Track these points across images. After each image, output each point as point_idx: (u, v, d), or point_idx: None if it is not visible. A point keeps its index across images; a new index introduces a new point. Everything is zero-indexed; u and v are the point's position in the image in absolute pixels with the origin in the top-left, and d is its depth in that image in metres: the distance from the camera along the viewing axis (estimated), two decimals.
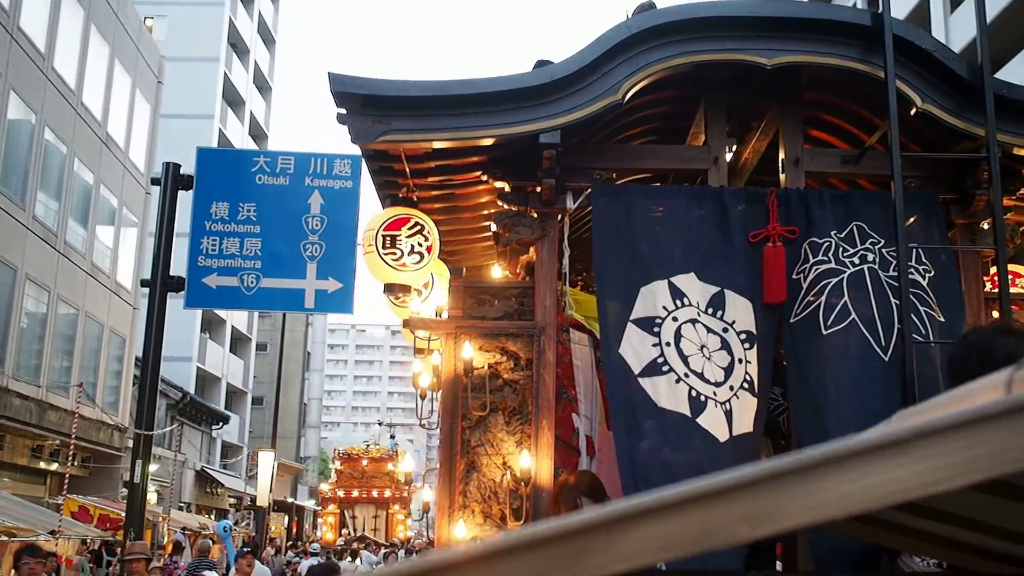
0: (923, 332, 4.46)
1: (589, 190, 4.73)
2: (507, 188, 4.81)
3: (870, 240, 4.60)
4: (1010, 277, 5.20)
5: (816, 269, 4.56)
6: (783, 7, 4.66)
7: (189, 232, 8.90)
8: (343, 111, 4.46)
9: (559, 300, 4.91)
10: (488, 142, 4.54)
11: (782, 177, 4.90)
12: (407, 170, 4.84)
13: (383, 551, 21.09)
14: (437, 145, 4.56)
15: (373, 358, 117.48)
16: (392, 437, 30.58)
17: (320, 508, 30.62)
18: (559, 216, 4.82)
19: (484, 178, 4.87)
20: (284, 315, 27.59)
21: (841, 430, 4.10)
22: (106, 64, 21.40)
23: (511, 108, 4.46)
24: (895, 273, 4.52)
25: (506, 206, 4.84)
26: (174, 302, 9.14)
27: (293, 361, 38.63)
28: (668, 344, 4.25)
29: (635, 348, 4.24)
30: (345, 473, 28.16)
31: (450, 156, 4.82)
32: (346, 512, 27.78)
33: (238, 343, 37.63)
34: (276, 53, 43.75)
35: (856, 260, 4.55)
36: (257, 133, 40.50)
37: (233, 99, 37.12)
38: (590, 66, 4.48)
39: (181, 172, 9.23)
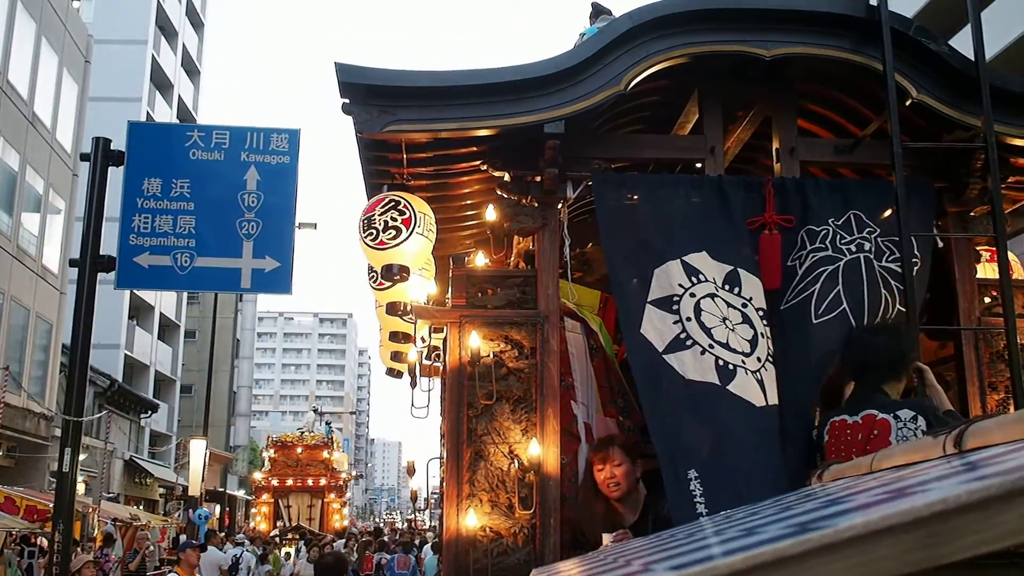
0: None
1: (589, 179, 4.76)
2: (507, 177, 4.80)
3: (867, 229, 4.71)
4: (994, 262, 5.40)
5: (813, 256, 4.65)
6: None
7: (120, 210, 8.53)
8: (347, 101, 4.40)
9: None
10: (493, 132, 4.52)
11: (776, 166, 4.99)
12: (404, 159, 4.80)
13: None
14: (442, 135, 4.53)
15: (301, 346, 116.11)
16: (327, 424, 30.24)
17: (253, 498, 30.08)
18: (559, 205, 4.83)
19: (483, 167, 4.85)
20: (216, 301, 27.08)
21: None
22: (32, 42, 20.65)
23: (516, 98, 4.46)
24: (888, 264, 4.65)
25: (506, 195, 4.83)
26: (102, 288, 8.75)
27: (222, 348, 37.94)
28: (689, 319, 4.30)
29: (656, 327, 4.28)
30: (279, 461, 27.60)
31: (450, 145, 4.79)
32: (280, 501, 27.27)
33: (166, 330, 36.82)
34: (205, 36, 42.76)
35: (853, 248, 4.65)
36: (185, 117, 39.59)
37: (161, 82, 36.25)
38: (594, 56, 4.50)
39: (111, 148, 8.69)
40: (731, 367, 4.20)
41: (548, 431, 4.50)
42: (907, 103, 4.66)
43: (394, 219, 4.82)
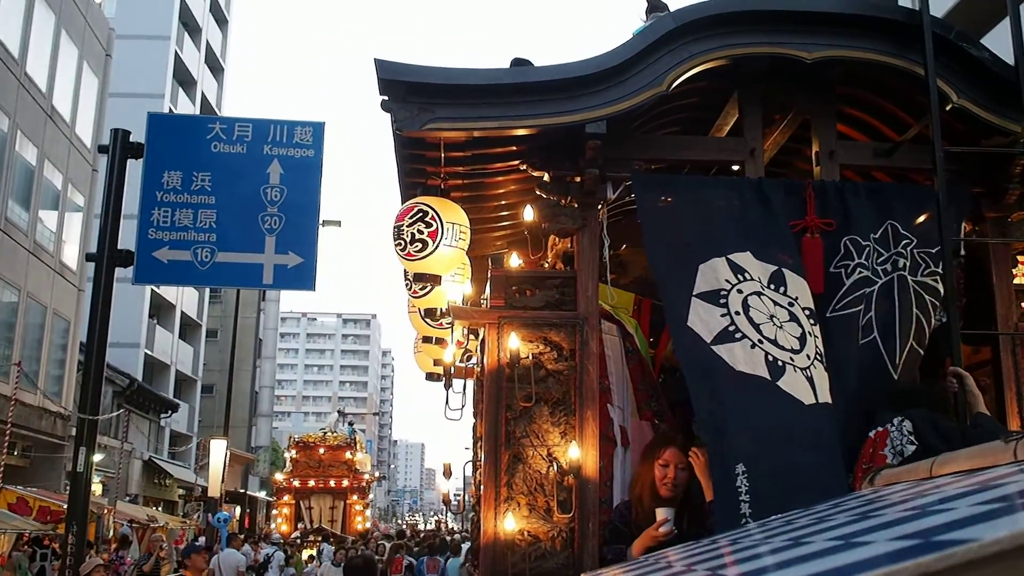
0: (923, 344, 4.55)
1: (629, 180, 4.74)
2: (546, 178, 4.79)
3: (903, 241, 4.67)
4: None
5: (860, 272, 4.62)
6: (822, 2, 4.71)
7: (139, 204, 8.32)
8: (387, 98, 4.40)
9: None
10: (533, 131, 4.51)
11: (816, 169, 4.96)
12: (442, 158, 4.80)
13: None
14: (480, 134, 4.52)
15: (324, 347, 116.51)
16: (350, 424, 30.27)
17: (274, 499, 30.04)
18: (599, 206, 4.82)
19: (522, 167, 4.84)
20: (237, 299, 27.10)
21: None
22: (52, 34, 20.46)
23: (557, 98, 4.45)
24: (923, 278, 4.62)
25: (544, 196, 4.81)
26: (121, 285, 8.59)
27: (244, 348, 38.06)
28: (738, 313, 4.27)
29: (703, 319, 4.25)
30: (301, 462, 27.37)
31: (489, 145, 4.78)
32: (302, 503, 27.10)
33: (187, 329, 36.92)
34: (229, 33, 42.90)
35: (888, 268, 4.62)
36: (208, 114, 39.73)
37: (184, 78, 36.34)
38: (636, 57, 4.49)
39: (131, 140, 8.48)
40: (780, 363, 4.16)
41: (587, 434, 4.48)
42: (947, 108, 4.62)
43: (420, 232, 4.85)
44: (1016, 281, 4.99)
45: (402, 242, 4.90)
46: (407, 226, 4.92)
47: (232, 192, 8.42)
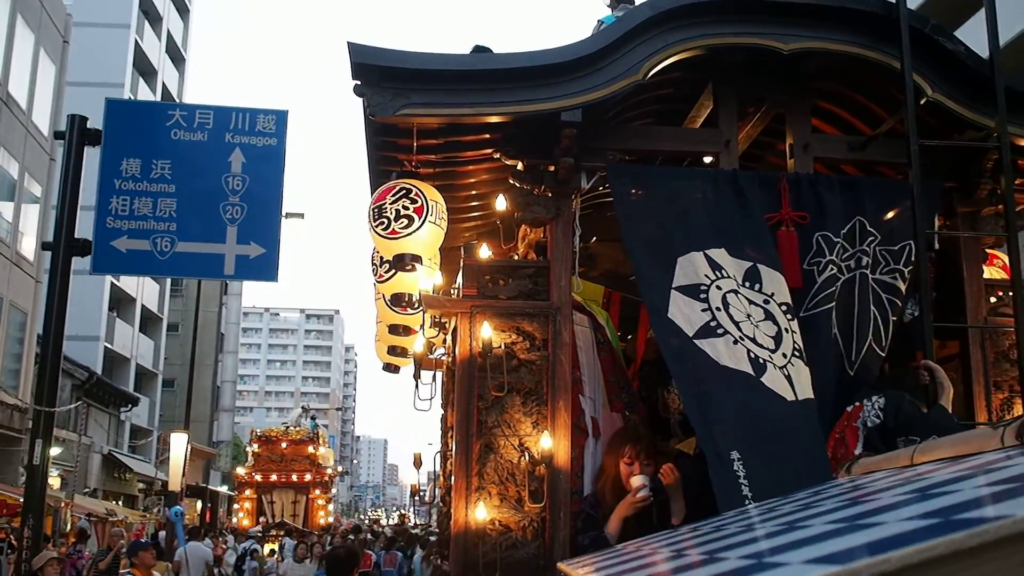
0: (882, 343, 4.58)
1: (604, 170, 4.71)
2: (520, 166, 4.74)
3: (868, 239, 4.69)
4: (997, 261, 5.40)
5: (831, 269, 4.63)
6: None
7: (96, 192, 8.15)
8: (360, 83, 4.32)
9: None
10: (508, 119, 4.46)
11: (790, 162, 4.96)
12: (414, 145, 4.73)
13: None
14: (455, 120, 4.47)
15: (287, 342, 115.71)
16: (313, 419, 30.02)
17: (236, 493, 29.74)
18: (573, 195, 4.78)
19: (496, 156, 4.79)
20: (198, 292, 26.81)
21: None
22: (6, 18, 19.95)
23: (533, 85, 4.40)
24: (881, 276, 4.65)
25: (518, 184, 4.77)
26: (80, 278, 8.38)
27: (206, 342, 37.64)
28: (719, 309, 4.26)
29: (684, 313, 4.23)
30: (262, 456, 27.07)
31: (462, 132, 4.73)
32: (264, 497, 26.83)
33: (148, 322, 36.43)
34: (191, 22, 42.31)
35: (852, 264, 4.65)
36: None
37: (144, 68, 35.76)
38: (613, 45, 4.46)
39: (88, 127, 8.25)
40: (762, 361, 4.17)
41: (559, 424, 4.45)
42: (922, 101, 4.64)
43: (406, 207, 4.74)
44: (986, 276, 5.03)
45: (385, 220, 4.76)
46: (390, 204, 4.78)
47: (192, 181, 8.25)
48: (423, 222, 4.71)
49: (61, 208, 8.09)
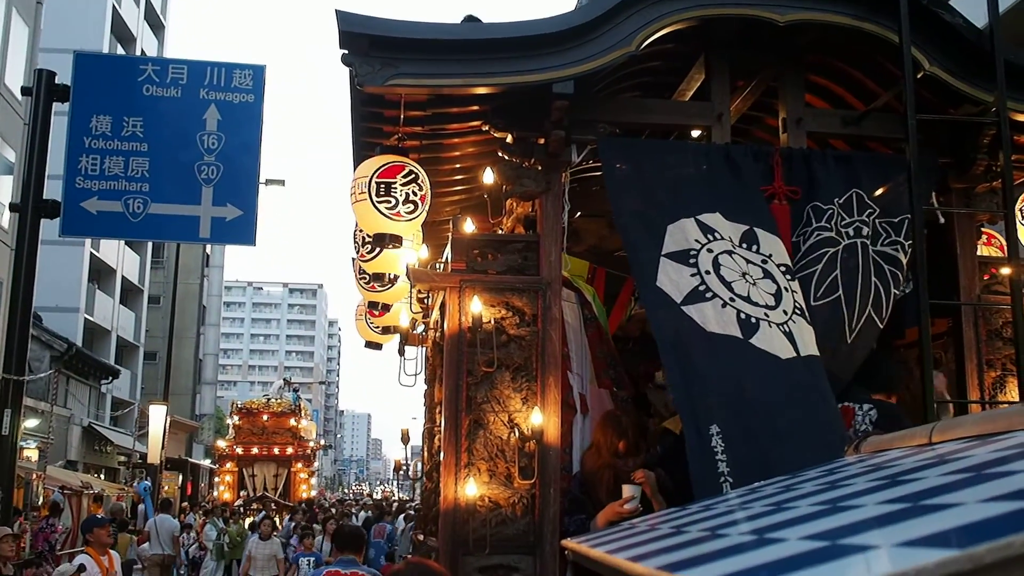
0: (882, 314, 4.55)
1: (594, 143, 4.64)
2: (510, 139, 4.66)
3: (867, 210, 4.65)
4: (988, 239, 5.38)
5: (817, 235, 4.60)
6: None
7: (65, 150, 7.81)
8: (348, 52, 4.22)
9: None
10: (498, 90, 4.37)
11: (783, 136, 4.90)
12: (401, 117, 4.64)
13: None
14: (445, 91, 4.37)
15: (270, 316, 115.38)
16: (295, 391, 29.92)
17: (217, 466, 29.63)
18: (563, 169, 4.70)
19: (485, 128, 4.70)
20: (176, 261, 26.43)
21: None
22: None
23: (524, 55, 4.31)
24: (883, 248, 4.60)
25: (507, 158, 4.69)
26: (59, 248, 8.11)
27: (187, 315, 37.36)
28: (708, 272, 4.20)
29: (673, 279, 4.17)
30: (244, 428, 26.85)
31: (451, 103, 4.64)
32: (245, 471, 26.68)
33: (129, 294, 36.08)
34: None
35: (851, 231, 4.60)
36: None
37: (122, 35, 35.09)
38: (605, 15, 4.37)
39: (57, 82, 7.92)
40: (754, 320, 4.11)
41: (549, 400, 4.40)
42: (919, 75, 4.57)
43: (415, 193, 4.67)
44: (979, 253, 5.01)
45: (392, 200, 4.64)
46: (401, 185, 4.69)
47: (166, 139, 7.94)
48: (423, 211, 4.65)
49: (29, 168, 7.77)
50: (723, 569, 0.98)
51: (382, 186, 4.67)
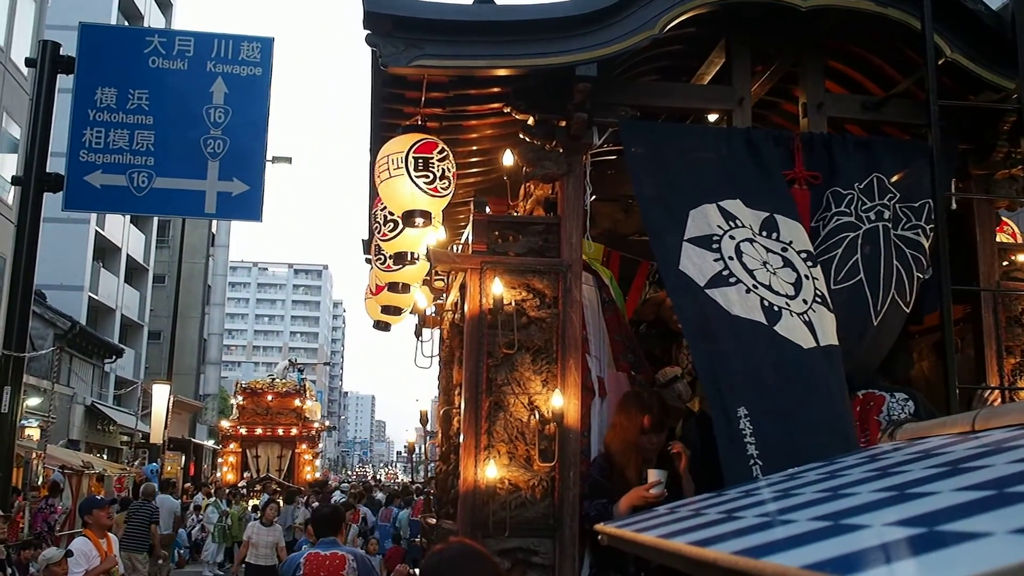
0: (906, 298, 4.56)
1: (616, 126, 4.63)
2: (531, 121, 4.65)
3: (888, 195, 4.65)
4: (1001, 225, 5.37)
5: (837, 220, 4.59)
6: None
7: (69, 123, 7.71)
8: (371, 32, 4.21)
9: None
10: (522, 72, 4.37)
11: (803, 121, 4.90)
12: (422, 98, 4.63)
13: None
14: (469, 72, 4.37)
15: (275, 297, 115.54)
16: (299, 371, 29.96)
17: (220, 447, 29.68)
18: (584, 152, 4.70)
19: (506, 110, 4.69)
20: (181, 239, 26.40)
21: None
22: None
23: (548, 38, 4.31)
24: (904, 232, 4.60)
25: (528, 140, 4.68)
26: (64, 226, 8.06)
27: (192, 294, 37.41)
28: (731, 258, 4.20)
29: (696, 263, 4.17)
30: (248, 409, 26.88)
31: (473, 85, 4.63)
32: (248, 451, 26.67)
33: (134, 273, 36.11)
34: None
35: (872, 216, 4.60)
36: None
37: (130, 12, 34.98)
38: None
39: (61, 54, 7.81)
40: (776, 308, 4.11)
41: (569, 382, 4.41)
42: (940, 61, 4.56)
43: (449, 170, 4.70)
44: (998, 239, 5.01)
45: (431, 175, 4.67)
46: (438, 160, 4.71)
47: (172, 112, 7.84)
48: (453, 188, 4.68)
49: (32, 140, 7.67)
50: (809, 556, 0.98)
51: (420, 161, 4.67)
